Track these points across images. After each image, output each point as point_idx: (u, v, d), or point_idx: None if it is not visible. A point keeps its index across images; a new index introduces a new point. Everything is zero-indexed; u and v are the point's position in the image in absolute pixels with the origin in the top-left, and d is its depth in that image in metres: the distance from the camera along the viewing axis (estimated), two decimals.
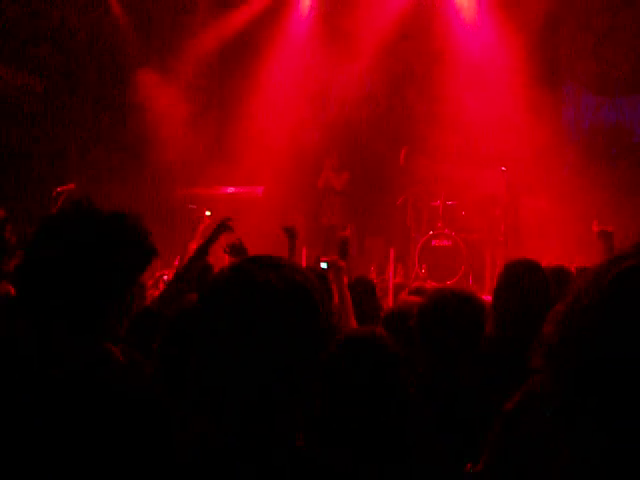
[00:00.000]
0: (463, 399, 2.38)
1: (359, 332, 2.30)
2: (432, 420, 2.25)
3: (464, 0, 10.13)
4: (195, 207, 10.14)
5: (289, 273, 1.50)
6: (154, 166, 9.89)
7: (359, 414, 2.08)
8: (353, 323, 3.93)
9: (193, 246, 4.99)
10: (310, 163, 10.51)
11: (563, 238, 8.45)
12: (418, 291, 5.00)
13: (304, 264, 7.91)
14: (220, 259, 4.90)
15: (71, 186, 7.29)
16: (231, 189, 10.40)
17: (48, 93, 9.65)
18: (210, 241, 4.25)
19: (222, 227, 4.39)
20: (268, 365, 1.44)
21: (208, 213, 10.18)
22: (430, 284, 5.88)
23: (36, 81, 9.57)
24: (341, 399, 2.09)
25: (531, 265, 3.36)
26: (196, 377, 1.49)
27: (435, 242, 9.48)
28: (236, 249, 4.38)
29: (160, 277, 6.79)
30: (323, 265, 4.52)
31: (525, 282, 3.22)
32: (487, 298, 3.89)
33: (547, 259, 5.48)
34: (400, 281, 8.65)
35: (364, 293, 4.73)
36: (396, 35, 10.20)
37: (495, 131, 9.43)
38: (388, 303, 6.30)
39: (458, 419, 2.06)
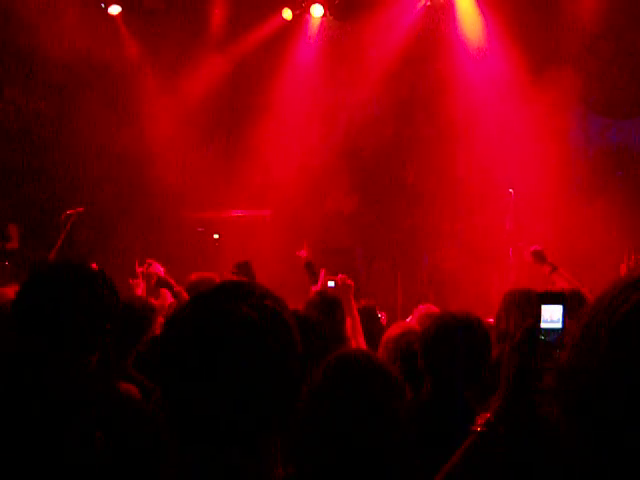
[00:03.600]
0: (465, 422, 2.38)
1: (352, 353, 2.30)
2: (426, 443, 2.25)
3: (470, 24, 10.21)
4: (203, 230, 10.18)
5: (259, 300, 1.46)
6: (163, 189, 9.94)
7: (350, 436, 2.07)
8: (362, 342, 3.92)
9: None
10: (318, 186, 10.54)
11: (571, 260, 8.43)
12: (425, 314, 5.00)
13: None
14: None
15: (80, 209, 7.34)
16: (239, 212, 10.44)
17: (58, 117, 9.75)
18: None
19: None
20: (249, 396, 1.41)
21: (216, 236, 10.24)
22: (436, 308, 5.85)
23: (47, 105, 9.67)
24: (332, 421, 2.08)
25: (528, 294, 3.42)
26: (177, 414, 1.45)
27: (443, 265, 9.48)
28: (244, 268, 4.38)
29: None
30: (331, 284, 4.52)
31: (521, 310, 3.27)
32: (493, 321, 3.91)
33: (556, 282, 5.48)
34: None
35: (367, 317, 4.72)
36: (403, 59, 10.26)
37: (502, 153, 9.45)
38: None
39: (458, 442, 2.06)
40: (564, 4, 9.43)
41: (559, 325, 1.71)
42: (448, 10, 10.24)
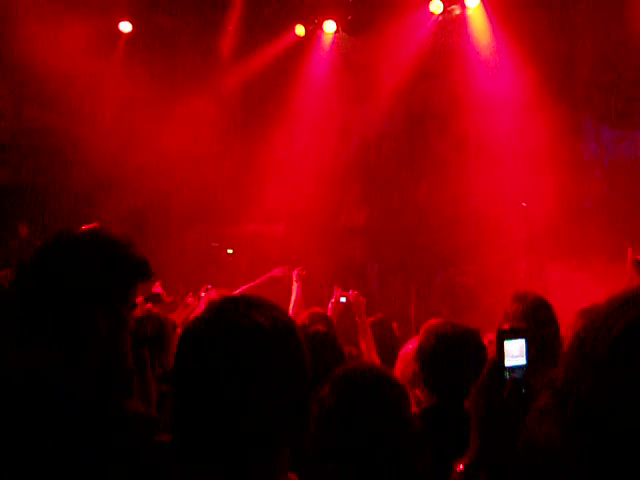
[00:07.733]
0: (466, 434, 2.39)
1: (361, 367, 2.30)
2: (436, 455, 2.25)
3: (482, 38, 10.23)
4: (217, 245, 10.21)
5: (269, 311, 1.48)
6: (177, 204, 9.99)
7: (361, 448, 2.07)
8: (375, 357, 3.92)
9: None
10: (331, 201, 10.56)
11: (586, 273, 8.38)
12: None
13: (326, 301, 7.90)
14: None
15: (95, 225, 7.39)
16: (253, 227, 10.46)
17: (71, 129, 9.82)
18: None
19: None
20: (263, 408, 1.42)
21: (230, 251, 10.26)
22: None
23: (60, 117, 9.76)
24: (340, 434, 2.08)
25: (539, 301, 3.42)
26: (185, 426, 1.46)
27: (457, 279, 9.45)
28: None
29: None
30: (342, 300, 4.56)
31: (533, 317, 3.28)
32: None
33: (569, 295, 5.45)
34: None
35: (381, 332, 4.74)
36: (415, 74, 10.29)
37: (515, 167, 9.43)
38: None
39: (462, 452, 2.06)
40: (577, 17, 9.43)
41: (523, 361, 1.64)
42: (461, 24, 10.27)
